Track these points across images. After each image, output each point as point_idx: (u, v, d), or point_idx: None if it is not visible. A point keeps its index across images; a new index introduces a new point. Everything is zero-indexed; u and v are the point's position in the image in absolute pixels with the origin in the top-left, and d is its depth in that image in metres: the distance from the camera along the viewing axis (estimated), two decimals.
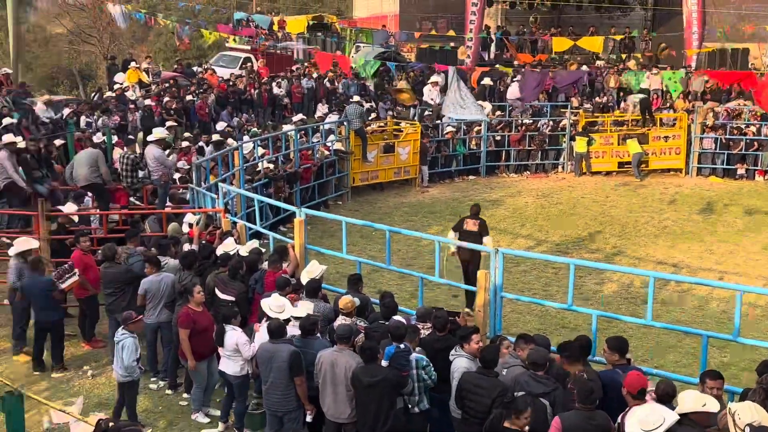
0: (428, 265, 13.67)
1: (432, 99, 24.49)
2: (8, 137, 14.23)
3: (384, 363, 7.11)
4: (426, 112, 23.33)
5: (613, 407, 6.36)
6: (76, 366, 10.22)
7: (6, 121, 16.37)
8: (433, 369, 7.43)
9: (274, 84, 25.42)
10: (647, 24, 34.06)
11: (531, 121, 23.82)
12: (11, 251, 10.59)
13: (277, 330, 7.65)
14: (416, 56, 29.56)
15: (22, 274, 10.19)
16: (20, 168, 14.04)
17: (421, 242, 15.32)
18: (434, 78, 25.52)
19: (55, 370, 10.01)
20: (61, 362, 10.08)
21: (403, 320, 8.07)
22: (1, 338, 10.96)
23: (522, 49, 31.78)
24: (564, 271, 13.68)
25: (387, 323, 8.02)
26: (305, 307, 8.33)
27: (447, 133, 22.50)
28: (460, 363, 7.31)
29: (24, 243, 10.58)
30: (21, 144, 14.58)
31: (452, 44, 30.37)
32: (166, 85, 23.37)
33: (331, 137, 20.25)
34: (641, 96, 23.65)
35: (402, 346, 7.32)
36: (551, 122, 24.04)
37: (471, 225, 12.61)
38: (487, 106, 23.43)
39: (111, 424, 4.15)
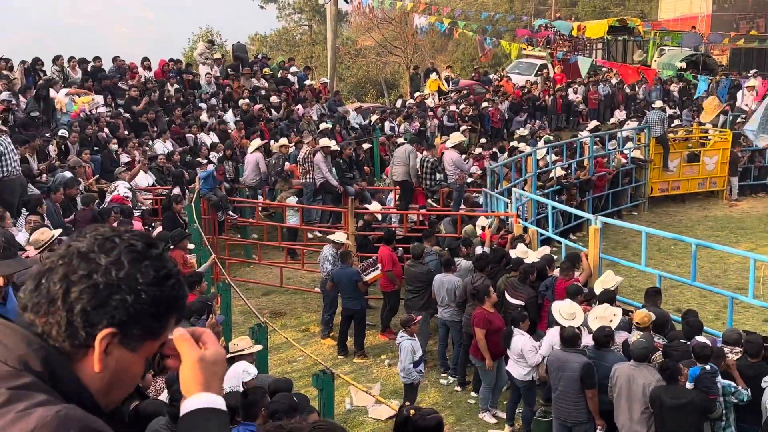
0: (735, 284, 12.49)
1: (746, 105, 22.33)
2: (324, 141, 15.68)
3: (689, 385, 6.61)
4: (738, 119, 21.33)
5: None
6: (375, 354, 10.94)
7: (322, 126, 18.10)
8: (744, 394, 6.77)
9: (570, 90, 25.03)
10: None
11: None
12: (332, 237, 11.55)
13: (570, 338, 7.49)
14: (729, 58, 27.16)
15: (334, 264, 11.13)
16: (333, 169, 15.42)
17: (729, 260, 14.05)
18: (751, 82, 23.23)
19: (356, 356, 10.80)
20: (362, 349, 10.85)
21: (708, 341, 7.45)
22: (311, 322, 12.08)
23: None
24: None
25: (688, 343, 7.46)
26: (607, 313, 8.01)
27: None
28: None
29: (338, 236, 11.56)
30: (334, 147, 15.99)
31: None
32: (464, 92, 24.13)
33: (629, 144, 19.38)
34: None
35: (707, 367, 6.76)
36: None
37: None
38: None
39: (413, 412, 4.34)
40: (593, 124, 20.90)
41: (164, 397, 5.67)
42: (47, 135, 13.47)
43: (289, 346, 10.71)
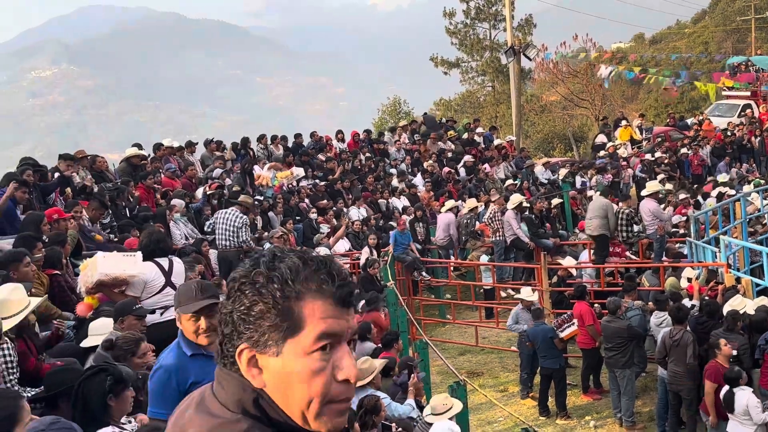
0: None
1: None
2: (515, 197, 15.57)
3: None
4: None
5: None
6: (578, 415, 10.49)
7: (508, 182, 18.00)
8: None
9: None
10: None
11: None
12: (523, 296, 11.43)
13: None
14: None
15: (519, 320, 10.94)
16: (523, 224, 15.24)
17: None
18: None
19: (559, 416, 10.41)
20: (565, 410, 10.44)
21: None
22: (510, 382, 11.85)
23: None
24: None
25: None
26: None
27: None
28: None
29: (525, 293, 11.37)
30: (525, 203, 15.84)
31: None
32: (658, 140, 23.10)
33: None
34: None
35: None
36: None
37: None
38: None
39: None
40: None
41: None
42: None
43: (488, 406, 10.56)
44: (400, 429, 6.25)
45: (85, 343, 5.55)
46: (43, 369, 4.98)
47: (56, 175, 11.10)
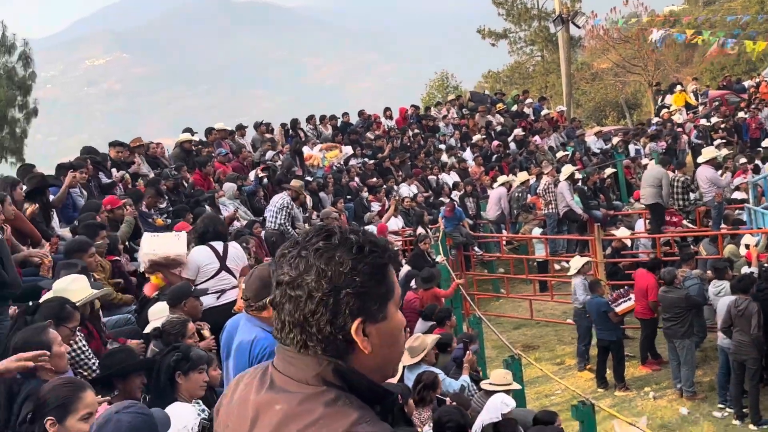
0: None
1: None
2: (567, 168, 15.39)
3: None
4: None
5: None
6: (638, 386, 10.39)
7: (560, 154, 17.78)
8: None
9: None
10: None
11: None
12: (570, 272, 11.36)
13: None
14: None
15: (584, 292, 10.81)
16: (576, 196, 15.07)
17: None
18: None
19: (617, 388, 10.33)
20: (623, 381, 10.35)
21: None
22: (566, 355, 11.79)
23: None
24: None
25: None
26: None
27: None
28: None
29: (577, 261, 11.24)
30: (577, 174, 15.64)
31: None
32: (715, 104, 22.48)
33: None
34: None
35: None
36: None
37: None
38: None
39: None
40: None
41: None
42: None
43: (544, 379, 10.55)
44: (454, 403, 6.31)
45: (147, 329, 5.71)
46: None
47: (108, 163, 11.37)
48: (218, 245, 6.73)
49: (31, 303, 4.71)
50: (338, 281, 1.52)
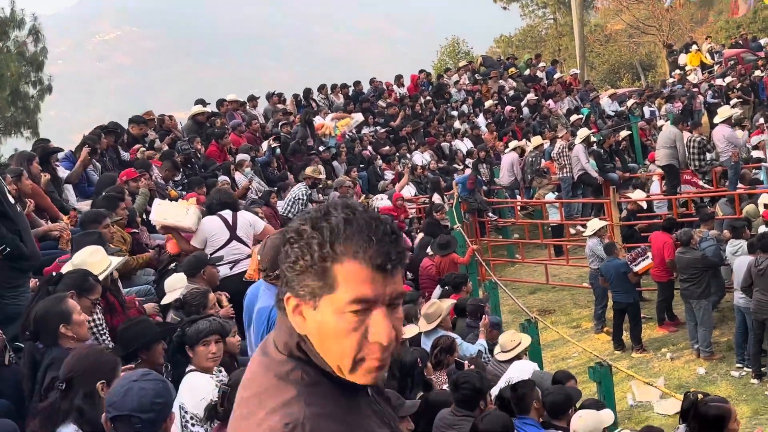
0: None
1: None
2: (582, 132, 15.27)
3: None
4: None
5: None
6: (654, 348, 10.42)
7: (574, 117, 17.61)
8: None
9: None
10: None
11: None
12: (586, 233, 11.32)
13: None
14: None
15: (598, 255, 10.79)
16: (591, 159, 14.97)
17: None
18: None
19: (634, 350, 10.35)
20: (640, 343, 10.37)
21: None
22: (583, 318, 11.82)
23: None
24: None
25: None
26: None
27: None
28: None
29: (595, 224, 11.20)
30: (592, 138, 15.53)
31: None
32: (731, 63, 22.16)
33: None
34: None
35: None
36: None
37: None
38: None
39: (700, 396, 4.10)
40: None
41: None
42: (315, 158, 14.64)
43: (561, 343, 10.59)
44: (472, 366, 6.36)
45: (164, 301, 5.76)
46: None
47: (125, 136, 11.37)
48: (227, 214, 6.77)
49: (54, 273, 4.76)
50: (295, 256, 1.50)
